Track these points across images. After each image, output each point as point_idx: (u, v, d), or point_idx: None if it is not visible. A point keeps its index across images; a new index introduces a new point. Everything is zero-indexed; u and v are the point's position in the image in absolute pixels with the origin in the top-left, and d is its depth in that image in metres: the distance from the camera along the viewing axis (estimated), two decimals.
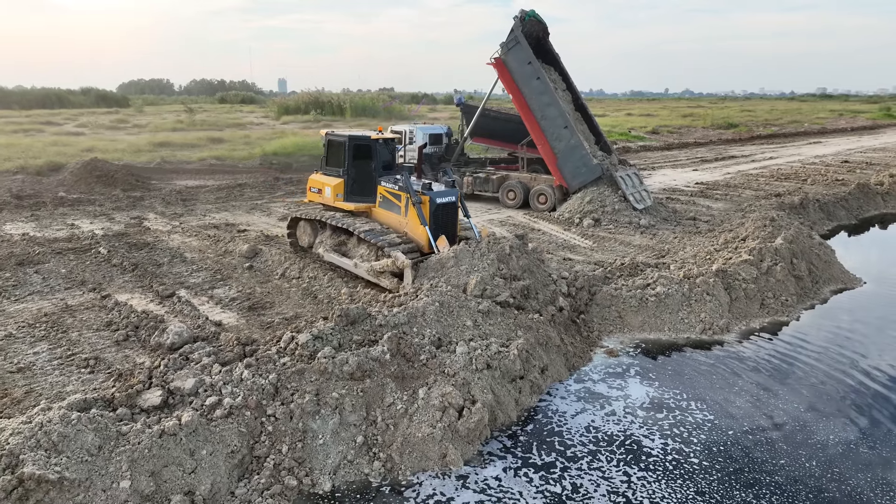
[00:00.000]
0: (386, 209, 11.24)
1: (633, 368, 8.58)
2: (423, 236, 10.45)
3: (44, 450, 5.27)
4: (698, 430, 7.05)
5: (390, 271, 9.97)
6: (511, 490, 6.02)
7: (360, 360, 6.88)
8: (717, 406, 7.60)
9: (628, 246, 14.21)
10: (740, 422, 7.26)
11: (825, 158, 32.49)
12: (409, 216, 10.74)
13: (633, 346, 9.26)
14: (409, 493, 5.95)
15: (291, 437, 6.22)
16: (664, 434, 6.98)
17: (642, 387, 8.06)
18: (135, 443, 5.57)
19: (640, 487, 6.09)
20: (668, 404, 7.62)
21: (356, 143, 11.53)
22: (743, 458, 6.59)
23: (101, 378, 7.15)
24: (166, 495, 5.46)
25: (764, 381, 8.29)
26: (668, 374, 8.45)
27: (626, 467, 6.41)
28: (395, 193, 10.99)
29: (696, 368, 8.64)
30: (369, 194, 11.48)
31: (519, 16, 18.08)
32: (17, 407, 6.46)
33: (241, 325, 8.90)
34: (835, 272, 12.48)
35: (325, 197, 11.86)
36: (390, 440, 6.50)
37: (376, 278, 10.26)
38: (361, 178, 11.57)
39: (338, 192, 11.60)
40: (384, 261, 10.06)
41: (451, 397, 6.86)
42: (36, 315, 9.01)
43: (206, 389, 6.45)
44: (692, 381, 8.24)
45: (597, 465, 6.44)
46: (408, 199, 10.66)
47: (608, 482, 6.17)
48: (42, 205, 16.81)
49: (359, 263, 10.66)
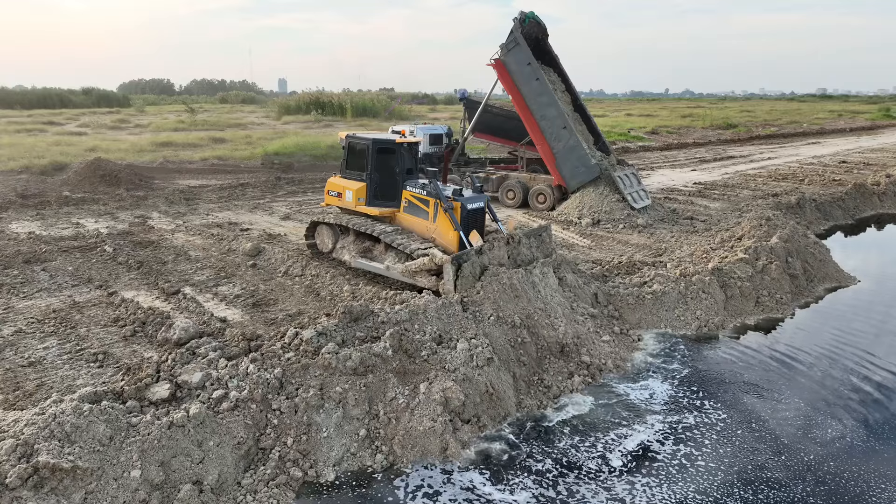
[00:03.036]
0: (412, 214, 11.06)
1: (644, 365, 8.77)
2: (455, 241, 10.38)
3: (57, 440, 5.44)
4: (709, 430, 7.23)
5: (426, 269, 9.89)
6: (509, 481, 6.20)
7: (363, 355, 7.06)
8: (738, 409, 7.79)
9: (626, 245, 14.39)
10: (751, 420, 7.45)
11: (823, 159, 32.66)
12: (438, 221, 10.65)
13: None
14: (411, 485, 6.12)
15: (296, 430, 6.40)
16: (669, 435, 7.16)
17: (649, 380, 8.25)
18: (144, 434, 5.75)
19: (641, 489, 6.27)
20: (678, 402, 7.81)
21: (380, 146, 11.28)
22: (743, 458, 6.77)
23: (110, 372, 7.33)
24: (175, 484, 5.63)
25: (757, 377, 8.48)
26: (677, 370, 8.63)
27: (627, 467, 6.60)
28: (423, 199, 10.83)
29: (706, 364, 8.82)
30: (393, 199, 11.27)
31: (518, 17, 18.26)
32: (29, 399, 6.64)
33: (245, 321, 9.08)
34: (829, 271, 12.66)
35: (345, 201, 11.55)
36: (392, 433, 6.68)
37: (412, 279, 10.14)
38: (385, 183, 11.34)
39: (360, 196, 11.31)
40: (420, 260, 9.93)
41: (452, 392, 7.05)
42: (45, 311, 9.19)
43: (213, 383, 6.63)
44: (700, 378, 8.43)
45: (594, 458, 6.63)
46: (436, 204, 10.61)
47: (604, 479, 6.35)
48: (47, 204, 17.00)
49: (391, 266, 10.53)
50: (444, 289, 9.36)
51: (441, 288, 9.45)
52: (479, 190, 11.40)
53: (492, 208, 11.55)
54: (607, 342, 9.10)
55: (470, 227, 10.50)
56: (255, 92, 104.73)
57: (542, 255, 10.54)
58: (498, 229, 11.36)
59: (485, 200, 11.14)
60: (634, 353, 9.12)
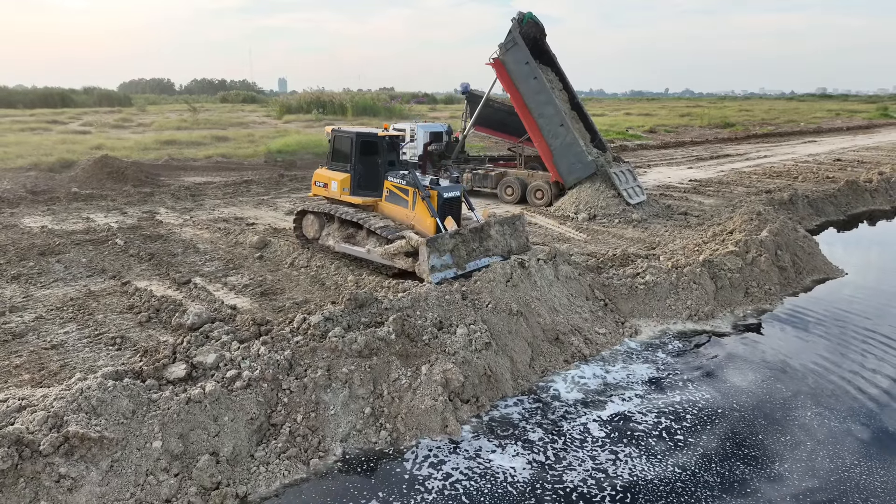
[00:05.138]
0: (392, 203, 11.83)
1: (633, 352, 9.18)
2: (432, 227, 11.13)
3: (84, 412, 5.84)
4: (692, 407, 7.65)
5: (404, 252, 10.63)
6: (504, 456, 6.61)
7: (368, 339, 7.47)
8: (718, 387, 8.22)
9: (621, 239, 14.80)
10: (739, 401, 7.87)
11: (818, 157, 33.05)
12: (417, 209, 11.41)
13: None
14: (413, 459, 6.53)
15: (305, 408, 6.79)
16: (656, 411, 7.58)
17: (639, 368, 8.66)
18: (164, 408, 6.15)
19: (625, 463, 6.69)
20: (666, 383, 8.23)
21: (364, 139, 12.04)
22: (729, 434, 7.19)
23: (129, 354, 7.74)
24: (194, 455, 6.03)
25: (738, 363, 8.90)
26: (667, 356, 9.05)
27: (616, 443, 7.01)
28: (403, 188, 11.59)
29: (693, 350, 9.24)
30: (375, 188, 12.04)
31: (517, 18, 18.66)
32: (54, 378, 7.05)
33: (254, 308, 9.49)
34: (818, 263, 13.06)
35: (331, 191, 12.37)
36: (396, 411, 7.08)
37: (391, 261, 10.90)
38: (368, 173, 12.10)
39: (344, 186, 12.12)
40: (397, 243, 10.70)
41: (452, 373, 7.46)
42: (62, 300, 9.59)
43: (227, 364, 7.02)
44: (687, 362, 8.85)
45: (586, 436, 7.04)
46: (415, 193, 11.35)
47: (594, 456, 6.77)
48: (56, 200, 17.40)
49: (371, 250, 11.29)
50: (419, 269, 10.27)
51: (416, 268, 10.33)
52: (455, 180, 12.21)
53: (468, 198, 12.41)
54: (599, 330, 9.51)
55: (446, 215, 11.32)
56: (256, 91, 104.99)
57: (515, 243, 11.64)
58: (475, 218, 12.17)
59: (461, 190, 11.95)
60: (626, 339, 9.52)
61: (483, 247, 11.05)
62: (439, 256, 10.28)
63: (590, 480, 6.25)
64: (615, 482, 6.22)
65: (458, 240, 10.68)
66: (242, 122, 42.84)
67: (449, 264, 10.38)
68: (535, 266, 9.91)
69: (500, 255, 11.19)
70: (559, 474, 6.33)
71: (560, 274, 10.31)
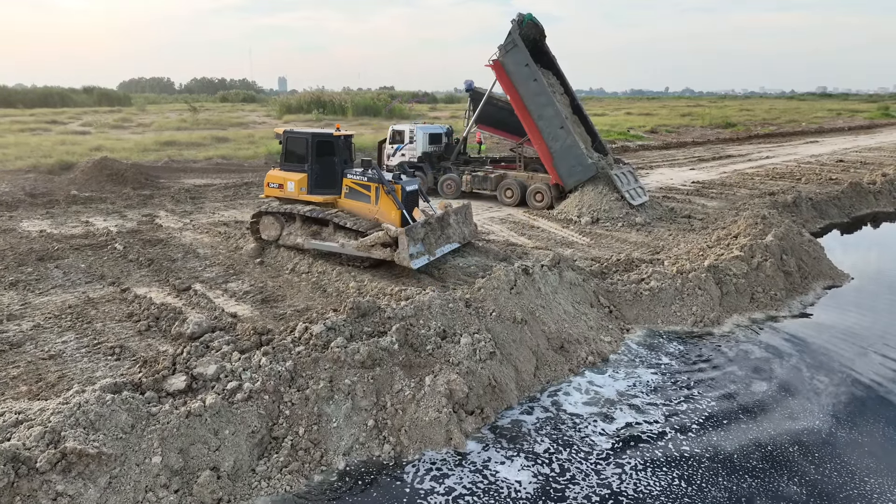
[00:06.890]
0: (353, 199, 12.35)
1: (637, 358, 9.07)
2: (398, 218, 11.87)
3: (82, 427, 5.73)
4: (698, 417, 7.54)
5: (381, 242, 11.07)
6: (510, 470, 6.50)
7: (371, 349, 7.36)
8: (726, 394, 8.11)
9: (624, 243, 14.68)
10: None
11: (821, 158, 32.92)
12: (381, 203, 12.07)
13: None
14: (415, 472, 6.41)
15: (307, 420, 6.68)
16: (663, 420, 7.46)
17: (644, 375, 8.55)
18: (164, 422, 6.04)
19: (630, 476, 6.58)
20: (670, 392, 8.11)
21: (319, 139, 12.52)
22: (736, 447, 7.08)
23: (128, 364, 7.63)
24: (194, 471, 5.91)
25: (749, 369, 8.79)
26: (673, 362, 8.93)
27: (621, 454, 6.90)
28: (364, 184, 12.18)
29: (698, 356, 9.13)
30: (333, 186, 12.44)
31: (517, 19, 18.50)
32: (52, 390, 6.94)
33: (255, 316, 9.38)
34: (823, 268, 12.94)
35: (287, 191, 12.59)
36: (399, 424, 6.97)
37: (367, 252, 11.28)
38: (325, 172, 12.49)
39: (302, 185, 12.44)
40: (375, 234, 11.14)
41: (456, 384, 7.34)
42: (61, 307, 9.48)
43: (227, 375, 6.91)
44: (692, 370, 8.73)
45: (588, 444, 6.93)
46: (378, 188, 12.02)
47: (597, 464, 6.65)
48: (55, 203, 17.29)
49: (345, 244, 11.61)
50: (398, 258, 10.87)
51: (396, 257, 10.91)
52: (411, 174, 13.09)
53: (423, 190, 13.31)
54: (604, 338, 9.40)
55: (409, 206, 12.08)
56: (256, 90, 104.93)
57: (467, 230, 13.05)
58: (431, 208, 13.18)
59: (417, 183, 12.96)
60: (631, 346, 9.41)
61: (445, 234, 12.18)
62: (415, 245, 11.05)
63: (594, 497, 6.14)
64: (620, 499, 6.11)
65: (428, 228, 11.63)
66: (242, 122, 42.74)
67: (423, 251, 11.29)
68: (539, 272, 9.80)
69: (457, 242, 12.63)
70: (563, 488, 6.22)
71: (564, 280, 10.21)
